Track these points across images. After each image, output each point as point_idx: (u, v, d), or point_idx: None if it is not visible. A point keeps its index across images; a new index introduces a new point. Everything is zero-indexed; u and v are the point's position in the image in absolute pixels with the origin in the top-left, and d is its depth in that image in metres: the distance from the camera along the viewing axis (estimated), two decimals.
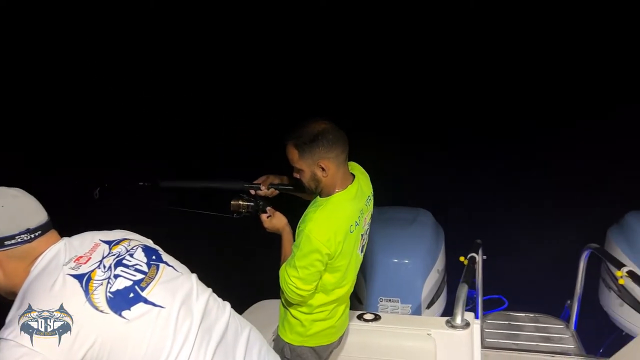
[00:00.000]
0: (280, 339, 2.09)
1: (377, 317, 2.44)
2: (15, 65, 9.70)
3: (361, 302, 2.99)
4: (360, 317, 2.45)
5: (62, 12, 11.30)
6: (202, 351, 1.28)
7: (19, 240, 1.24)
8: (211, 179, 2.26)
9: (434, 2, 12.03)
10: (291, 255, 1.90)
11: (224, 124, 8.53)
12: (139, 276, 1.29)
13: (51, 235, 1.31)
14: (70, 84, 9.80)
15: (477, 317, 2.39)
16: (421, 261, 2.99)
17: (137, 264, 1.32)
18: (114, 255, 1.31)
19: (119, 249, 1.34)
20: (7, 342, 1.10)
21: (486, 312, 3.37)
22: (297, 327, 2.02)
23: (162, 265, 1.36)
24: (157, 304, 1.26)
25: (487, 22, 11.35)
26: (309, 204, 1.96)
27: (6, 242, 1.23)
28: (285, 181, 2.14)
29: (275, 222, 2.04)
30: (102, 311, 1.18)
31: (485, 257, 3.08)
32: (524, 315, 3.33)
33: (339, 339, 2.17)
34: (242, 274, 4.55)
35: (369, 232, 2.10)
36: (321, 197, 1.93)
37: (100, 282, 1.22)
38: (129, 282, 1.26)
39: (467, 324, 2.29)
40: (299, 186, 1.99)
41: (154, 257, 1.37)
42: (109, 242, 1.35)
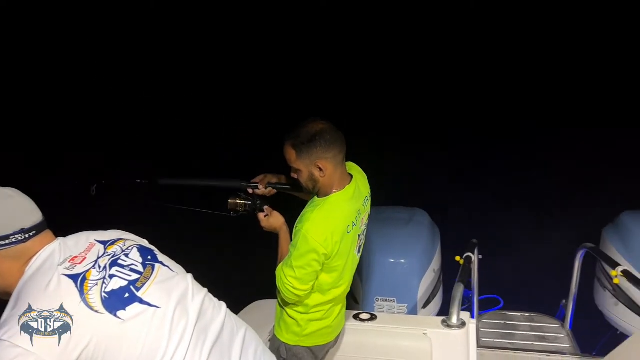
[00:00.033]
0: (276, 338, 2.09)
1: (373, 317, 2.44)
2: (15, 65, 9.68)
3: (357, 302, 2.99)
4: (356, 317, 2.45)
5: (62, 12, 11.29)
6: (197, 351, 1.27)
7: (13, 240, 1.23)
8: (209, 177, 2.25)
9: (434, 2, 12.06)
10: (288, 255, 1.89)
11: (224, 124, 8.53)
12: (135, 276, 1.28)
13: (46, 235, 1.31)
14: (70, 84, 9.80)
15: (472, 316, 2.40)
16: (417, 261, 2.99)
17: (132, 264, 1.31)
18: (109, 255, 1.30)
19: (114, 249, 1.33)
20: (2, 343, 1.09)
21: (482, 312, 3.38)
22: (293, 326, 2.02)
23: (157, 265, 1.36)
24: (152, 304, 1.25)
25: (487, 22, 11.39)
26: (307, 204, 1.96)
27: (0, 242, 1.22)
28: (283, 180, 2.13)
29: (272, 221, 2.04)
30: (97, 311, 1.17)
31: (481, 256, 3.09)
32: (519, 314, 3.34)
33: (335, 339, 2.17)
34: (238, 274, 4.55)
35: (366, 233, 2.10)
36: (319, 197, 1.93)
37: (95, 282, 1.21)
38: (124, 282, 1.25)
39: (463, 324, 2.30)
40: (296, 186, 1.98)
41: (149, 257, 1.37)
42: (104, 242, 1.34)
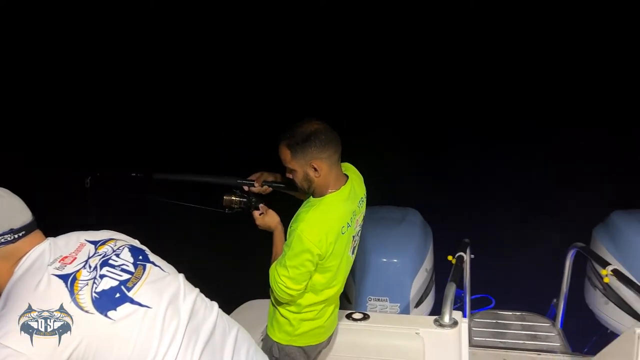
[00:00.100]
0: (268, 338, 2.08)
1: (365, 317, 2.45)
2: (14, 64, 9.62)
3: (350, 302, 2.99)
4: (349, 317, 2.45)
5: (62, 12, 11.23)
6: (189, 351, 1.27)
7: (2, 240, 1.22)
8: (205, 173, 2.24)
9: (434, 2, 12.08)
10: (282, 254, 1.89)
11: (224, 124, 8.51)
12: (126, 276, 1.27)
13: (35, 235, 1.30)
14: (70, 85, 9.75)
15: (464, 315, 2.40)
16: (410, 260, 3.00)
17: (123, 264, 1.30)
18: (100, 255, 1.30)
19: (105, 249, 1.32)
20: None
21: (474, 311, 3.40)
22: (285, 326, 2.02)
23: (148, 265, 1.35)
24: (143, 304, 1.25)
25: (487, 22, 11.43)
26: (302, 204, 1.96)
27: None
28: (279, 179, 2.13)
29: (267, 219, 2.03)
30: (87, 311, 1.16)
31: (473, 256, 3.10)
32: (510, 313, 3.36)
33: (328, 339, 2.16)
34: (231, 273, 4.53)
35: (360, 234, 2.10)
36: (314, 198, 1.93)
37: (85, 282, 1.21)
38: (115, 282, 1.25)
39: (455, 323, 2.30)
40: (293, 185, 1.98)
41: (140, 257, 1.36)
42: (94, 242, 1.34)
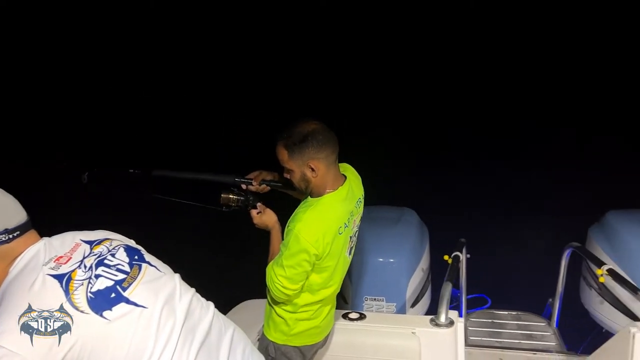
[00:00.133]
0: (264, 337, 2.08)
1: (362, 316, 2.45)
2: (14, 64, 9.58)
3: (346, 301, 2.99)
4: (345, 316, 2.45)
5: (62, 12, 11.19)
6: (185, 351, 1.27)
7: None
8: (203, 171, 2.23)
9: (434, 2, 12.08)
10: (279, 253, 1.89)
11: (224, 124, 8.50)
12: (121, 276, 1.27)
13: (30, 235, 1.29)
14: (70, 84, 9.72)
15: (460, 315, 2.40)
16: (406, 260, 3.00)
17: (119, 264, 1.30)
18: (95, 255, 1.29)
19: (101, 248, 1.32)
20: None
21: (470, 311, 3.40)
22: (281, 325, 2.02)
23: (144, 265, 1.35)
24: (139, 304, 1.24)
25: (487, 22, 11.44)
26: (300, 203, 1.96)
27: None
28: (277, 178, 2.13)
29: (265, 218, 2.03)
30: (82, 311, 1.16)
31: (469, 255, 3.10)
32: (506, 313, 3.37)
33: (324, 339, 2.17)
34: (227, 273, 4.53)
35: (357, 234, 2.10)
36: (312, 198, 1.93)
37: (80, 282, 1.20)
38: (111, 282, 1.24)
39: (451, 323, 2.30)
40: (291, 184, 1.98)
41: (136, 257, 1.35)
42: (90, 242, 1.33)
